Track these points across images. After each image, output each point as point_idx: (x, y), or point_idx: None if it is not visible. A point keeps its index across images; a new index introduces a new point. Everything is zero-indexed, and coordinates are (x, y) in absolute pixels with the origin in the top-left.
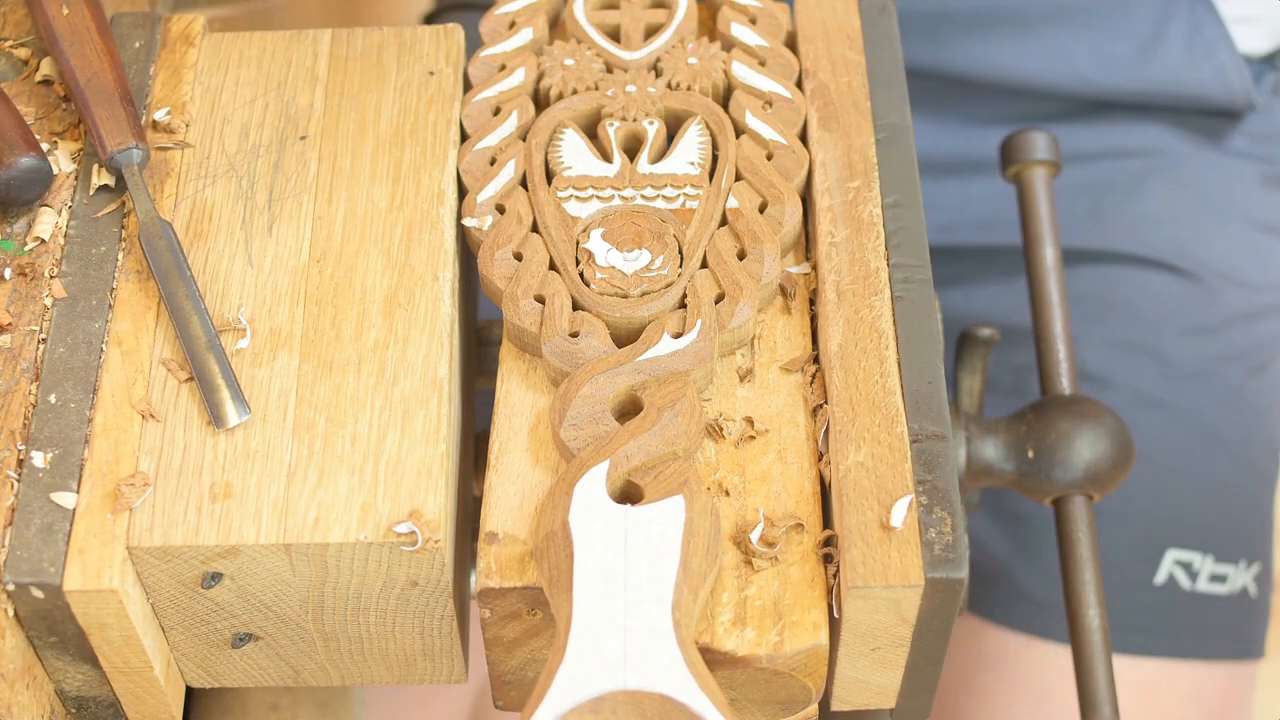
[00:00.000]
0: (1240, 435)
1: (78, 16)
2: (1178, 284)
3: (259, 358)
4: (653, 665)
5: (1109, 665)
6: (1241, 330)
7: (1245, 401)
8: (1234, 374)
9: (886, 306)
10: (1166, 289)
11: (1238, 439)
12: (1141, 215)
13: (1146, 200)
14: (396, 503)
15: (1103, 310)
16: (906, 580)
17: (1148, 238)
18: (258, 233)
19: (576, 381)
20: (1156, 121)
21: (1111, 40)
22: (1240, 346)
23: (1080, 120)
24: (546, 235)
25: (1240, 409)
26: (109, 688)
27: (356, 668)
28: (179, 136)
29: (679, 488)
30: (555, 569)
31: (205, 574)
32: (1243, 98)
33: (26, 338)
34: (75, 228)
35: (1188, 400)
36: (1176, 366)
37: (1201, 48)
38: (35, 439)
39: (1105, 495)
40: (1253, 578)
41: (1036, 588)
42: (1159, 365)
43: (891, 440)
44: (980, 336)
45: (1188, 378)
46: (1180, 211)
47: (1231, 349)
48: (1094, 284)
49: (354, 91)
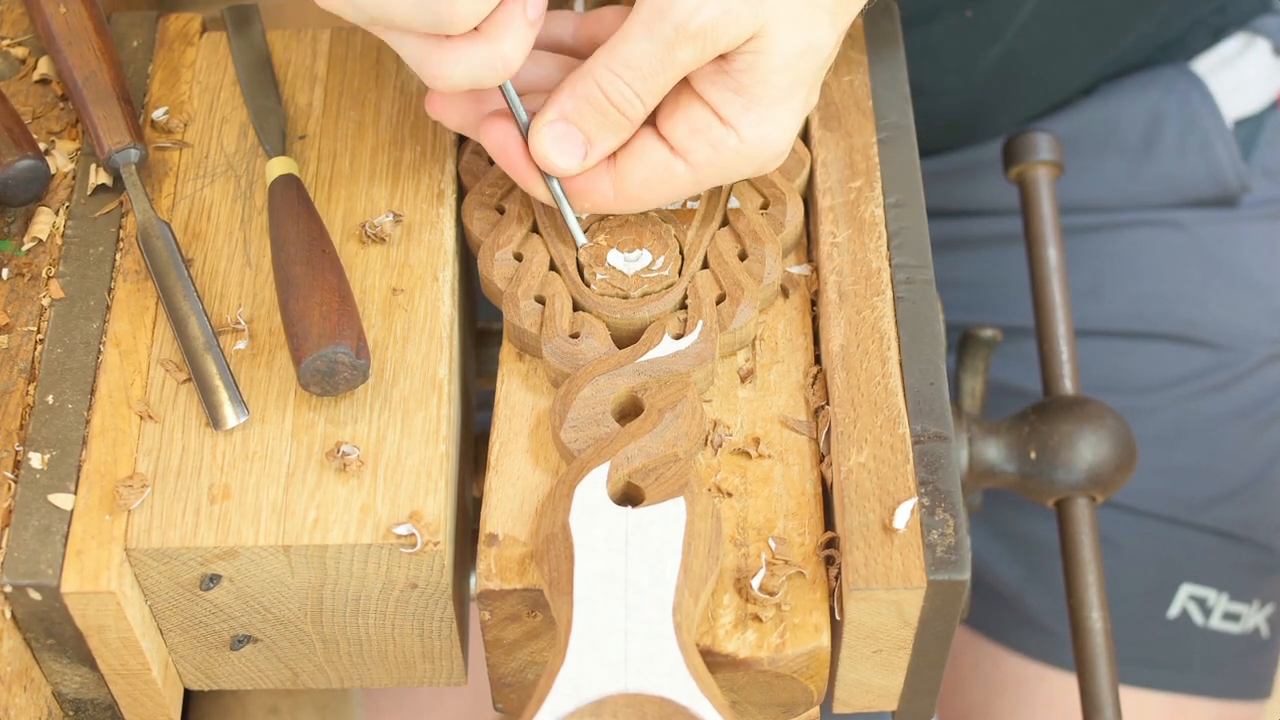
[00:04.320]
0: (1256, 481)
1: (75, 15)
2: (1186, 351)
3: (258, 359)
4: (654, 668)
5: (1112, 667)
6: (1254, 382)
7: (1263, 448)
8: (1247, 427)
9: (888, 307)
10: (1174, 356)
11: (1254, 485)
12: (1145, 292)
13: (1149, 273)
14: (396, 504)
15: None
16: (908, 582)
17: (1152, 314)
18: (256, 233)
19: (577, 383)
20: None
21: (1100, 157)
22: (1255, 397)
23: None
24: (547, 236)
25: (1257, 456)
26: (107, 690)
27: (355, 670)
28: (177, 136)
29: (680, 490)
30: (555, 571)
31: (204, 575)
32: (1237, 185)
33: (24, 338)
34: (73, 228)
35: (1202, 455)
36: (1190, 424)
37: (1195, 146)
38: (33, 440)
39: (1108, 497)
40: (1265, 618)
41: (1048, 616)
42: (1171, 424)
43: (893, 441)
44: (982, 337)
45: (1203, 433)
46: (1186, 283)
47: (1246, 401)
48: (1097, 356)
49: (353, 91)
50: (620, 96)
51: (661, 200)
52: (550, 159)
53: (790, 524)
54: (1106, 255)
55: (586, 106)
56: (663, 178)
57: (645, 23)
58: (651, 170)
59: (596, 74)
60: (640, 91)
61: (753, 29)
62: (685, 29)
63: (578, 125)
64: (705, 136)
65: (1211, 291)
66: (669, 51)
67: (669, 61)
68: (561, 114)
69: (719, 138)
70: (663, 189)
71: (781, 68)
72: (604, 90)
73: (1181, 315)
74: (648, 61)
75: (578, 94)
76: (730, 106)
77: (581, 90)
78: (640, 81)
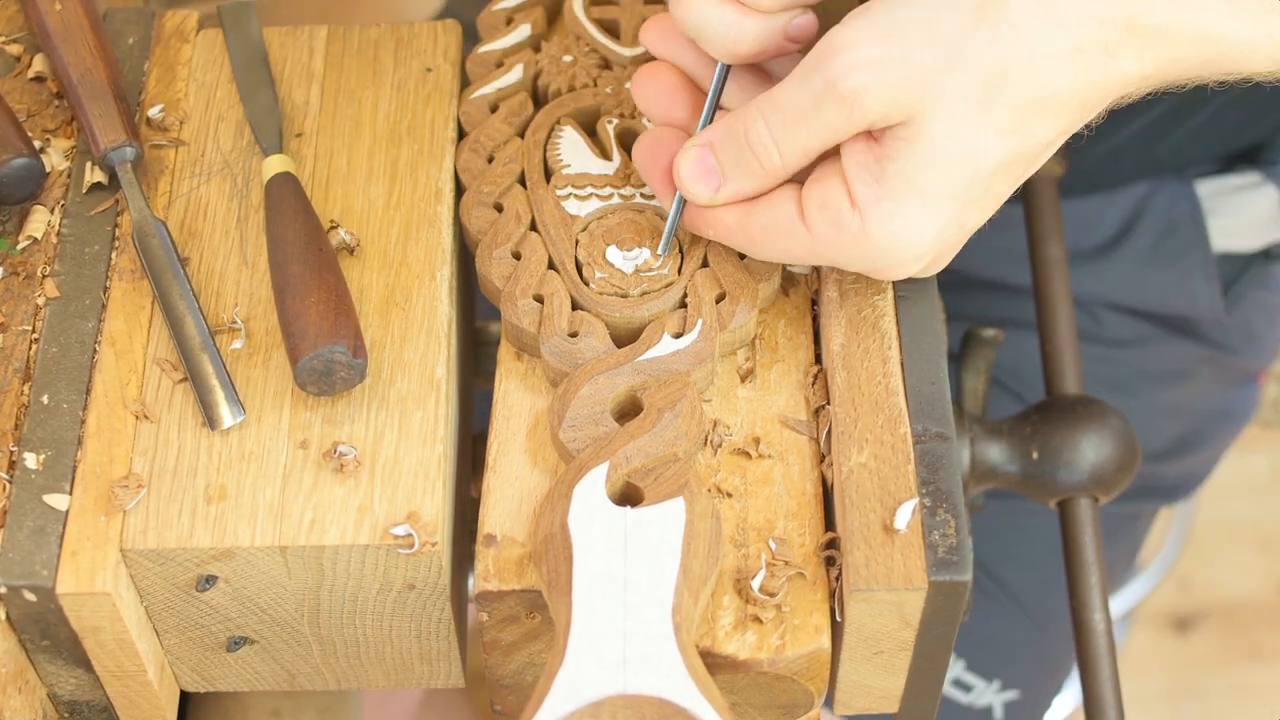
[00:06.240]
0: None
1: (71, 12)
2: None
3: (254, 358)
4: (653, 669)
5: (1114, 669)
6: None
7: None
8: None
9: (889, 306)
10: None
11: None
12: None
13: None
14: (393, 505)
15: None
16: (910, 583)
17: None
18: (253, 231)
19: (576, 382)
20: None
21: (1074, 237)
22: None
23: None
24: (545, 234)
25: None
26: (102, 692)
27: (353, 671)
28: (173, 134)
29: (679, 490)
30: (554, 572)
31: (200, 576)
32: (1207, 310)
33: (19, 337)
34: (68, 226)
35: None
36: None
37: (1170, 251)
38: (27, 440)
39: (1110, 497)
40: (1003, 703)
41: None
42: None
43: (894, 441)
44: (984, 337)
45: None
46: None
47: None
48: None
49: (350, 88)
50: (758, 139)
51: (777, 254)
52: (684, 181)
53: (790, 524)
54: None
55: (729, 140)
56: (784, 234)
57: (804, 71)
58: (775, 221)
59: (748, 111)
60: (779, 140)
61: (908, 113)
62: (834, 88)
63: (718, 157)
64: (833, 214)
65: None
66: (815, 106)
67: (812, 117)
68: (709, 141)
69: (844, 219)
70: (779, 245)
71: (928, 166)
72: (746, 129)
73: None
74: (793, 110)
75: (727, 125)
76: (864, 190)
77: (730, 123)
78: (782, 130)
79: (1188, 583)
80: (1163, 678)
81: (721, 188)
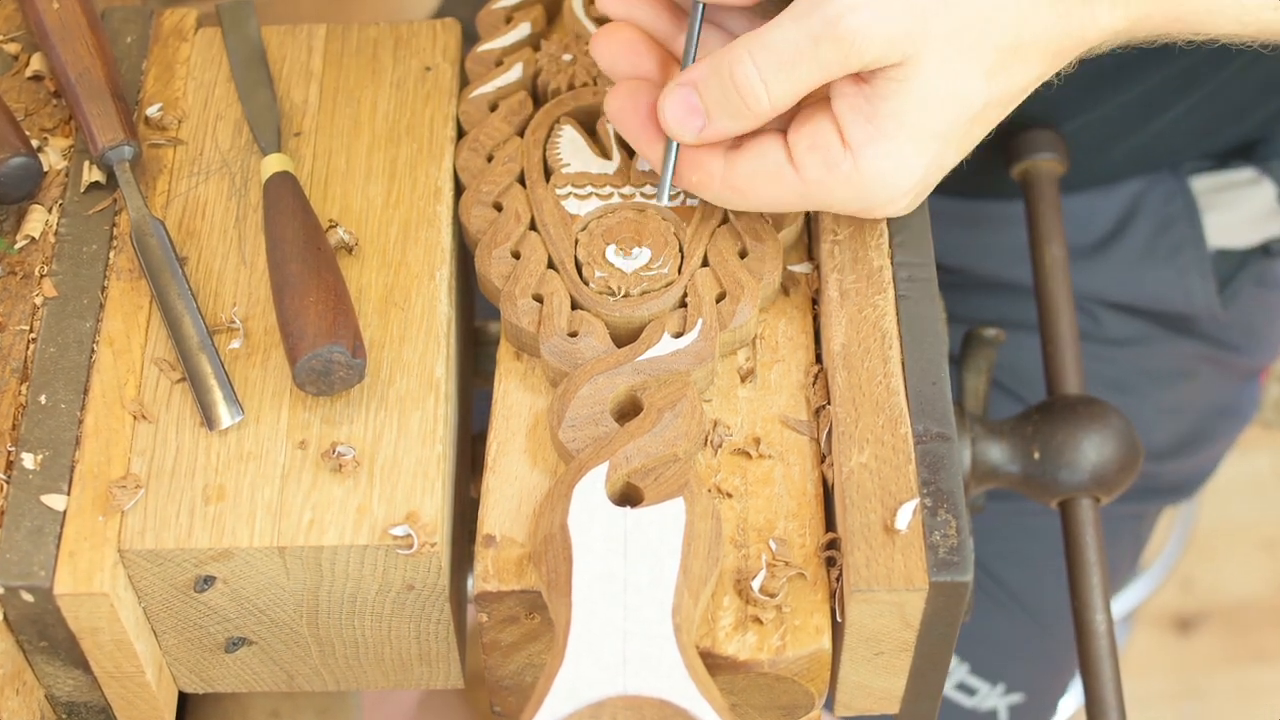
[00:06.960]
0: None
1: (69, 11)
2: None
3: (252, 358)
4: (653, 670)
5: (1116, 669)
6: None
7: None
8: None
9: (890, 306)
10: None
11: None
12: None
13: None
14: (392, 505)
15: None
16: (910, 584)
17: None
18: (251, 231)
19: (575, 382)
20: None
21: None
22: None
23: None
24: (545, 233)
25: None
26: (100, 693)
27: (351, 672)
28: (171, 133)
29: (679, 490)
30: (554, 572)
31: (198, 577)
32: (1204, 308)
33: (16, 337)
34: (66, 225)
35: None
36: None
37: (1165, 248)
38: (25, 440)
39: (1112, 498)
40: (1007, 706)
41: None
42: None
43: (895, 442)
44: (985, 337)
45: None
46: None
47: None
48: None
49: (349, 87)
50: (745, 79)
51: (764, 202)
52: (668, 120)
53: (791, 525)
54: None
55: (714, 80)
56: (771, 178)
57: (796, 13)
58: (762, 167)
59: (734, 51)
60: (769, 80)
61: (903, 53)
62: (833, 27)
63: (702, 96)
64: (823, 154)
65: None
66: (812, 45)
67: (808, 56)
68: (692, 80)
69: (835, 159)
70: (768, 190)
71: (921, 106)
72: (733, 68)
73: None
74: (787, 50)
75: (712, 65)
76: (856, 131)
77: (715, 63)
78: (772, 70)
79: (1190, 583)
80: (1165, 678)
81: (705, 128)
